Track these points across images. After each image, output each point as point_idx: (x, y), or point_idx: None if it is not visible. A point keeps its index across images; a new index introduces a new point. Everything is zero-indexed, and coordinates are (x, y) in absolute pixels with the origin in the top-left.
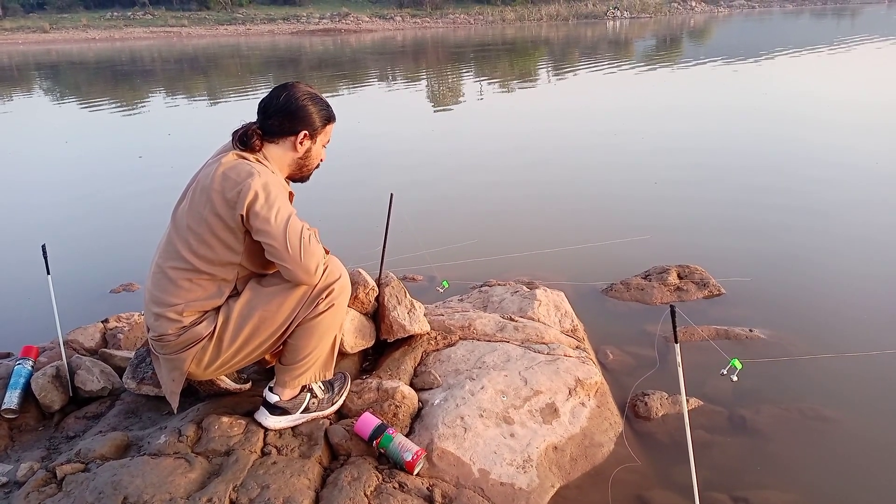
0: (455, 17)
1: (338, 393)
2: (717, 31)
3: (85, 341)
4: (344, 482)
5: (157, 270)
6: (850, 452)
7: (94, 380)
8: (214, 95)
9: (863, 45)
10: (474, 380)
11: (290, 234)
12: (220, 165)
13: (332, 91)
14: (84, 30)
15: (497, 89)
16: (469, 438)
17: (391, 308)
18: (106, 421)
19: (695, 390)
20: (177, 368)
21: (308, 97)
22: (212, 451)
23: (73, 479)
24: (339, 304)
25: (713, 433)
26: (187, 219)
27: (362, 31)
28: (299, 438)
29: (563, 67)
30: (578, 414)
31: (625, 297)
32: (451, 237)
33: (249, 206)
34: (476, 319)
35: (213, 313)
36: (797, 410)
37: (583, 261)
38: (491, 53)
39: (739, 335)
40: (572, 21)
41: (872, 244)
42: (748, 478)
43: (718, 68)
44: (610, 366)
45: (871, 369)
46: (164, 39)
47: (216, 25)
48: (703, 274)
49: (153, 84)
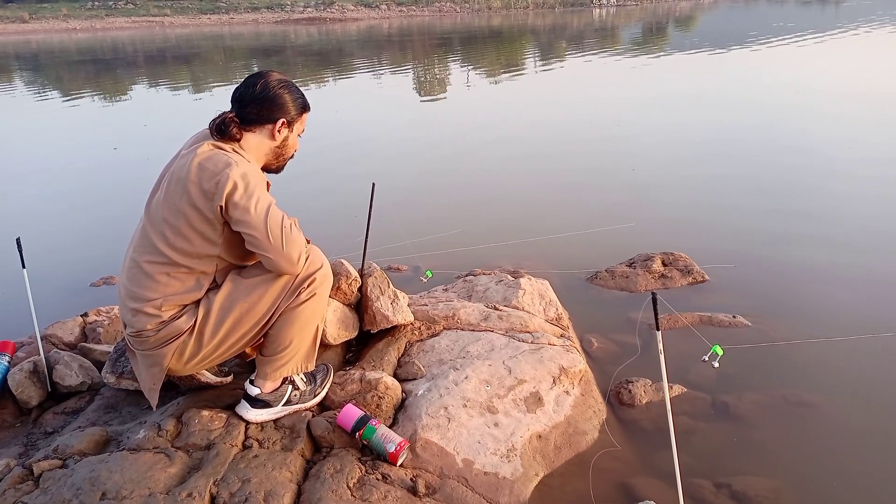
0: (441, 5)
1: (320, 385)
2: (703, 19)
3: (64, 336)
4: (326, 474)
5: (133, 265)
6: (831, 438)
7: (72, 375)
8: (194, 86)
9: (845, 35)
10: (458, 370)
11: (271, 223)
12: (195, 156)
13: (318, 80)
14: (64, 19)
15: (483, 79)
16: (453, 428)
17: (374, 298)
18: (85, 416)
19: (678, 377)
20: (156, 364)
21: (283, 85)
22: (192, 446)
23: (51, 476)
24: (321, 293)
25: (696, 419)
26: (162, 211)
27: (347, 19)
28: (281, 431)
29: (548, 57)
30: (563, 402)
31: (609, 285)
32: (435, 227)
33: (228, 196)
34: (460, 309)
35: (192, 307)
36: (779, 396)
37: (568, 249)
38: (477, 42)
39: (723, 321)
40: (559, 9)
41: (855, 231)
42: (731, 464)
43: (702, 57)
44: (594, 354)
45: (853, 354)
46: (146, 29)
47: (199, 14)
48: (688, 261)
49: (133, 74)
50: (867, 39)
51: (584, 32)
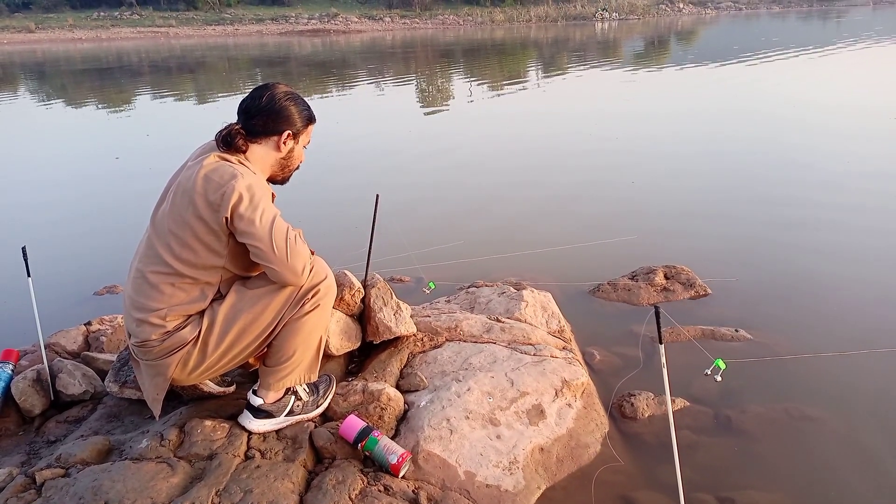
0: (444, 17)
1: (323, 395)
2: (705, 33)
3: (67, 344)
4: (329, 485)
5: (138, 275)
6: (834, 452)
7: (75, 383)
8: (197, 96)
9: (846, 50)
10: (461, 381)
11: (276, 235)
12: (201, 168)
13: (321, 91)
14: (70, 30)
15: (485, 91)
16: (455, 440)
17: (377, 309)
18: (87, 425)
19: (681, 391)
20: (160, 374)
21: (289, 97)
22: (194, 456)
23: (53, 485)
24: (325, 304)
25: (699, 433)
26: (168, 222)
27: (351, 31)
28: (283, 442)
29: (550, 70)
30: (565, 415)
31: (612, 298)
32: (438, 238)
33: (234, 208)
34: (463, 321)
35: (196, 317)
36: (782, 410)
37: (570, 261)
38: (480, 54)
39: (725, 335)
40: (561, 22)
41: (857, 245)
42: (733, 478)
43: (705, 71)
44: (596, 366)
45: (855, 369)
46: (152, 40)
47: (204, 25)
48: (690, 274)
49: (137, 85)
50: (870, 54)
51: (586, 45)
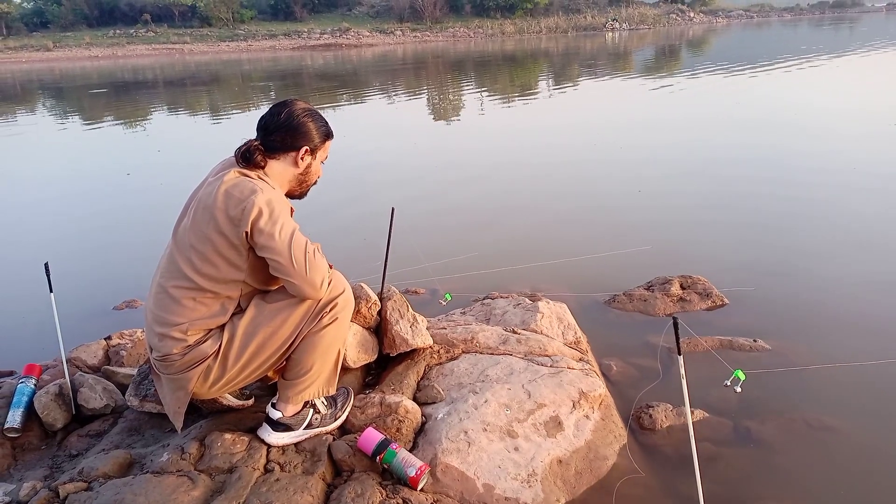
0: (455, 30)
1: (341, 408)
2: (716, 42)
3: (88, 359)
4: (347, 498)
5: (160, 290)
6: (855, 463)
7: (96, 397)
8: (210, 112)
9: (856, 55)
10: (477, 393)
11: (295, 249)
12: (222, 183)
13: (333, 104)
14: (87, 47)
15: (497, 102)
16: (473, 453)
17: (394, 322)
18: (109, 439)
19: (699, 402)
20: (181, 388)
21: (307, 114)
22: (214, 469)
23: (76, 498)
24: (343, 318)
25: (719, 445)
26: (190, 237)
27: (363, 45)
28: (302, 455)
29: (561, 80)
30: (583, 427)
31: (628, 308)
32: (453, 250)
33: (254, 222)
34: (479, 332)
35: (217, 331)
36: (802, 421)
37: (585, 272)
38: (491, 66)
39: (743, 345)
40: (571, 33)
41: (875, 252)
42: (754, 489)
43: (717, 80)
44: (614, 378)
45: (876, 378)
46: (167, 56)
47: (218, 42)
48: (706, 284)
49: (151, 101)
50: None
51: (596, 55)
